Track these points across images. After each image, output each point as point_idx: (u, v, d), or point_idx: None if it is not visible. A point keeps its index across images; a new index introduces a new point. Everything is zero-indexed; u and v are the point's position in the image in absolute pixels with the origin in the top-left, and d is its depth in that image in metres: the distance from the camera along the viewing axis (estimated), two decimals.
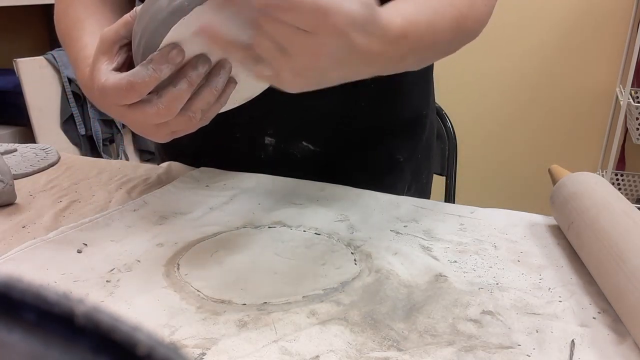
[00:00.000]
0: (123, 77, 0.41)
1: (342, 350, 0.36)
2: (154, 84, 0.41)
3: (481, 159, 2.14)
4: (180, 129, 0.46)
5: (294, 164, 0.68)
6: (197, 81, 0.43)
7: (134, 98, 0.42)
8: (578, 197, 0.49)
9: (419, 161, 0.75)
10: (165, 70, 0.41)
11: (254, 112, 0.66)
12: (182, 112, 0.44)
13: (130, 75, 0.41)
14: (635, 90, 1.85)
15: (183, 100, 0.43)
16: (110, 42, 0.44)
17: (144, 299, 0.41)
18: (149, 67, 0.40)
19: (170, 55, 0.40)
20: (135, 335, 0.10)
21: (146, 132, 0.46)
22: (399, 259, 0.48)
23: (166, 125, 0.44)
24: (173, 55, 0.41)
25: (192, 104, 0.44)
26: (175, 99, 0.42)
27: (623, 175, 1.98)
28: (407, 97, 0.71)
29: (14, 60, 1.69)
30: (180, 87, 0.42)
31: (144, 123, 0.44)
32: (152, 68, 0.40)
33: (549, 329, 0.38)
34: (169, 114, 0.43)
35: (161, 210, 0.57)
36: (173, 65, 0.41)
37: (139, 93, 0.41)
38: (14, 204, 0.58)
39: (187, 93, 0.42)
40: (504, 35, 1.98)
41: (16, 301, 0.10)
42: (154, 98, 0.42)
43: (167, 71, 0.41)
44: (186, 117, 0.44)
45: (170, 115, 0.43)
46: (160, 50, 0.41)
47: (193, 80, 0.42)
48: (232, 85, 0.46)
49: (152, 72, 0.40)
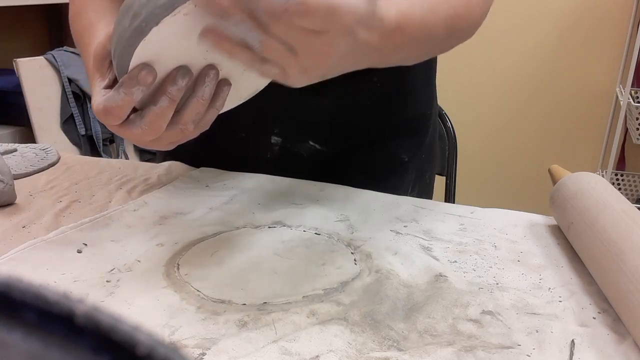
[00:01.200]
0: (100, 102, 0.40)
1: (342, 350, 0.36)
2: (129, 107, 0.40)
3: (481, 159, 2.14)
4: (176, 140, 0.45)
5: (300, 164, 0.68)
6: (178, 96, 0.41)
7: (114, 121, 0.41)
8: (578, 197, 0.49)
9: (422, 161, 0.75)
10: (137, 93, 0.39)
11: (261, 111, 0.66)
12: (171, 126, 0.42)
13: (105, 100, 0.40)
14: (635, 90, 1.85)
15: (166, 116, 0.41)
16: (100, 58, 0.44)
17: (144, 299, 0.41)
18: (120, 91, 0.39)
19: (139, 77, 0.39)
20: (135, 335, 0.10)
21: (144, 145, 0.45)
22: (399, 259, 0.48)
23: (159, 139, 0.43)
24: (142, 77, 0.39)
25: (181, 117, 0.42)
26: (157, 116, 0.41)
27: (623, 175, 1.98)
28: (413, 97, 0.71)
29: (14, 60, 1.69)
30: (161, 105, 0.41)
31: (137, 140, 0.43)
32: (124, 92, 0.39)
33: (549, 329, 0.38)
34: (155, 132, 0.42)
35: (161, 210, 0.57)
36: (145, 87, 0.39)
37: (117, 117, 0.40)
38: (14, 204, 0.58)
39: (169, 109, 0.41)
40: (504, 35, 1.98)
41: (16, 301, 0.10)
42: (137, 118, 0.41)
43: (139, 93, 0.39)
44: (178, 130, 0.43)
45: (156, 133, 0.42)
46: (129, 73, 0.39)
47: (174, 96, 0.41)
48: (227, 87, 0.45)
49: (123, 96, 0.39)
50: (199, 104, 0.42)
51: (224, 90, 0.44)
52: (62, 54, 1.82)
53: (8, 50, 1.92)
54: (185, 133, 0.44)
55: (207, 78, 0.42)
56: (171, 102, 0.41)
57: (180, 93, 0.41)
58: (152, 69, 0.39)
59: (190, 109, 0.42)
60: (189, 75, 0.41)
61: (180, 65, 0.41)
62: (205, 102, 0.43)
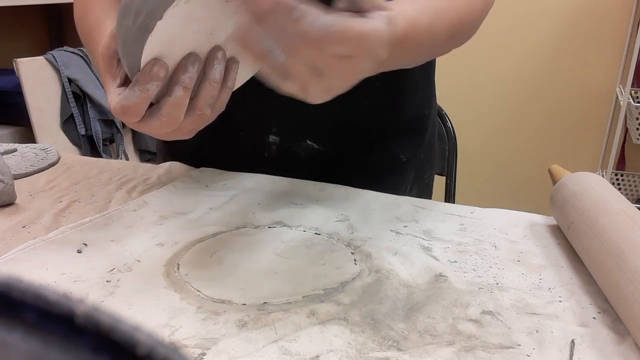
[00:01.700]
0: (117, 102, 0.41)
1: (342, 350, 0.36)
2: (146, 103, 0.41)
3: (481, 159, 2.14)
4: (196, 127, 0.45)
5: (298, 163, 0.68)
6: (191, 83, 0.42)
7: (134, 118, 0.41)
8: (578, 197, 0.49)
9: (421, 161, 0.76)
10: (152, 88, 0.40)
11: (259, 110, 0.66)
12: (189, 114, 0.43)
13: (122, 99, 0.40)
14: (635, 90, 1.85)
15: (183, 105, 0.42)
16: (108, 59, 0.44)
17: (144, 299, 0.41)
18: (135, 89, 0.40)
19: (152, 72, 0.40)
20: (135, 335, 0.10)
21: (165, 137, 0.45)
22: (399, 259, 0.48)
23: (179, 129, 0.44)
24: (155, 72, 0.40)
25: (197, 103, 0.43)
26: (174, 107, 0.41)
27: (623, 175, 1.98)
28: (411, 98, 0.72)
29: (14, 60, 1.69)
30: (175, 95, 0.41)
31: (158, 133, 0.44)
32: (139, 90, 0.40)
33: (549, 329, 0.38)
34: (174, 122, 0.42)
35: (161, 210, 0.57)
36: (159, 81, 0.40)
37: (136, 114, 0.41)
38: (14, 204, 0.58)
39: (185, 98, 0.42)
40: (504, 35, 1.98)
41: (16, 301, 0.10)
42: (155, 111, 0.42)
43: (154, 88, 0.40)
44: (195, 116, 0.43)
45: (175, 123, 0.42)
46: (142, 70, 0.40)
47: (187, 84, 0.41)
48: (235, 65, 0.44)
49: (139, 93, 0.40)
50: (212, 87, 0.43)
51: (232, 69, 0.44)
52: (62, 54, 1.82)
53: (8, 50, 1.92)
54: (203, 118, 0.44)
55: (215, 60, 0.43)
56: (186, 91, 0.41)
57: (193, 80, 0.42)
58: (163, 63, 0.40)
59: (204, 93, 0.43)
60: (199, 61, 0.42)
61: (189, 52, 0.42)
62: (217, 84, 0.43)
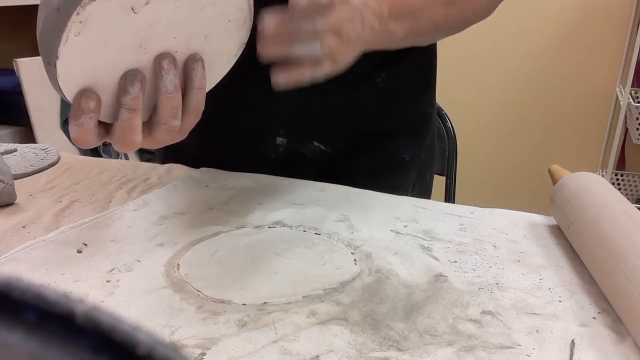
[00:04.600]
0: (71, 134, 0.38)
1: (342, 350, 0.35)
2: (91, 135, 0.38)
3: (481, 159, 2.14)
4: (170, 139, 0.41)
5: (304, 164, 0.68)
6: (137, 103, 0.37)
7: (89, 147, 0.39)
8: (578, 197, 0.49)
9: (423, 160, 0.76)
10: (88, 122, 0.37)
11: (268, 113, 0.66)
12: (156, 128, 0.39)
13: (72, 133, 0.38)
14: (635, 90, 1.85)
15: (134, 127, 0.38)
16: None
17: (144, 299, 0.41)
18: (72, 125, 0.37)
19: (82, 107, 0.36)
20: (135, 335, 0.10)
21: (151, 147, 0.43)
22: (399, 259, 0.48)
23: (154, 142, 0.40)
24: (84, 106, 0.36)
25: (159, 117, 0.39)
26: (125, 131, 0.38)
27: (623, 175, 1.98)
28: (416, 98, 0.72)
29: (14, 60, 1.69)
30: (122, 119, 0.37)
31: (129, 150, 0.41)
32: (75, 125, 0.37)
33: (549, 329, 0.38)
34: (131, 144, 0.39)
35: (161, 210, 0.57)
36: (92, 112, 0.36)
37: (88, 144, 0.38)
38: (14, 204, 0.58)
39: (133, 120, 0.37)
40: (504, 35, 1.98)
41: (16, 301, 0.10)
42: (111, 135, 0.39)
43: (90, 121, 0.37)
44: (163, 130, 0.39)
45: (134, 144, 0.39)
46: (72, 106, 0.37)
47: (131, 106, 0.37)
48: (197, 64, 0.39)
49: (77, 128, 0.37)
50: (169, 99, 0.38)
51: (195, 69, 0.39)
52: None
53: (8, 50, 1.92)
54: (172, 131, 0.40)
55: (162, 71, 0.38)
56: (132, 112, 0.37)
57: (138, 100, 0.37)
58: (89, 93, 0.36)
59: (162, 106, 0.38)
60: (139, 78, 0.37)
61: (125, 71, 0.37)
62: (173, 95, 0.38)
